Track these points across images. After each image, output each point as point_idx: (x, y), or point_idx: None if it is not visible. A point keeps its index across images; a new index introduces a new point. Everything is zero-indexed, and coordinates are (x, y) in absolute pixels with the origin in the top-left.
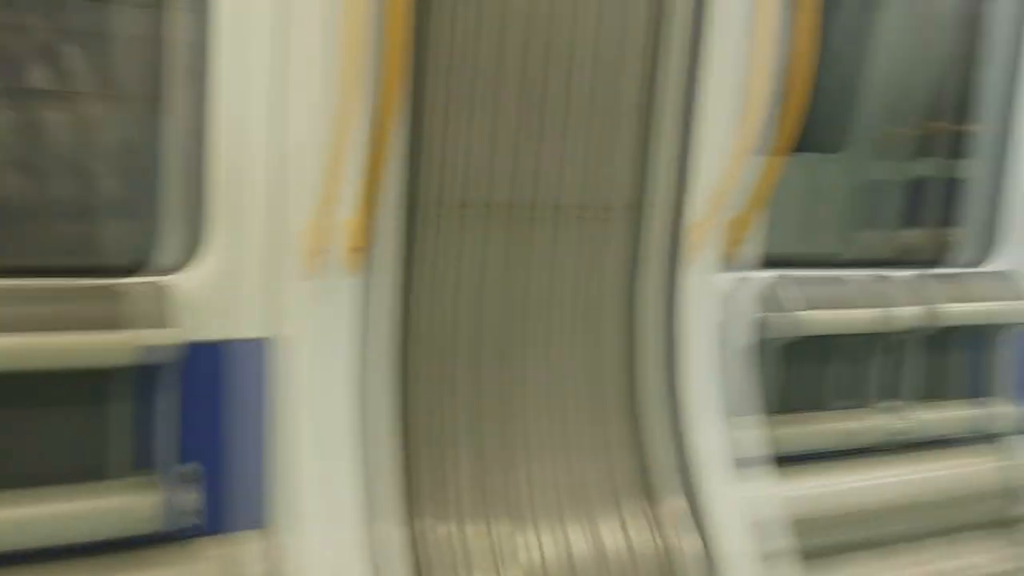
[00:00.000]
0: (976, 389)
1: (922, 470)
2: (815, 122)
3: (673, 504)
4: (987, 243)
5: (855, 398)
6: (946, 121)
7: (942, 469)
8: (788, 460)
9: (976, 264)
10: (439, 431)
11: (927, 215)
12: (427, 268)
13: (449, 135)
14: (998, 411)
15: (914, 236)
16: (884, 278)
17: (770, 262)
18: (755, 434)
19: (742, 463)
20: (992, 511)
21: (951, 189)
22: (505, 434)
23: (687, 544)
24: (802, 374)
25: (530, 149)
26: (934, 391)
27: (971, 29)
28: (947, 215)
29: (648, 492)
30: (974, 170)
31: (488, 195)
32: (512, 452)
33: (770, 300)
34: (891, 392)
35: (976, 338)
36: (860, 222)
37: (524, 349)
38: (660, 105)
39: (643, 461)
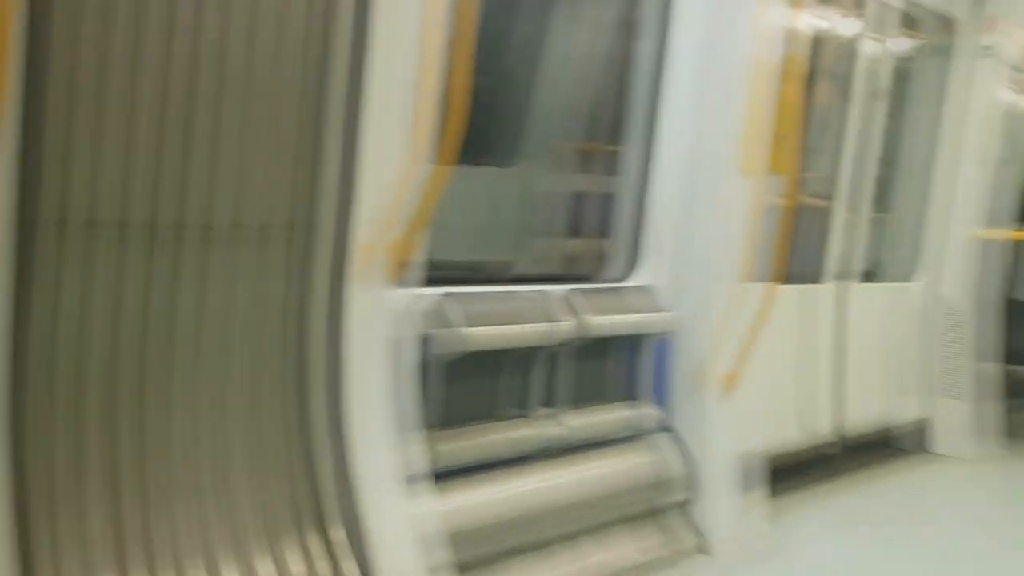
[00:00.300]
0: (624, 393)
1: (579, 472)
2: (491, 138)
3: (336, 531)
4: (632, 258)
5: (517, 408)
6: (606, 142)
7: (597, 469)
8: (455, 473)
9: (623, 278)
10: (65, 477)
11: (584, 230)
12: (46, 296)
13: (75, 147)
14: (643, 412)
15: (572, 250)
16: (543, 292)
17: (442, 277)
18: (422, 450)
19: (409, 480)
20: (643, 503)
21: (605, 206)
22: (147, 476)
23: (348, 570)
24: (468, 388)
25: (174, 165)
26: (588, 397)
27: (626, 62)
28: (601, 231)
29: (311, 521)
30: (622, 190)
31: (123, 214)
32: (156, 495)
33: (437, 317)
34: (550, 400)
35: (623, 347)
36: (529, 234)
37: (170, 381)
38: (324, 122)
39: (308, 489)
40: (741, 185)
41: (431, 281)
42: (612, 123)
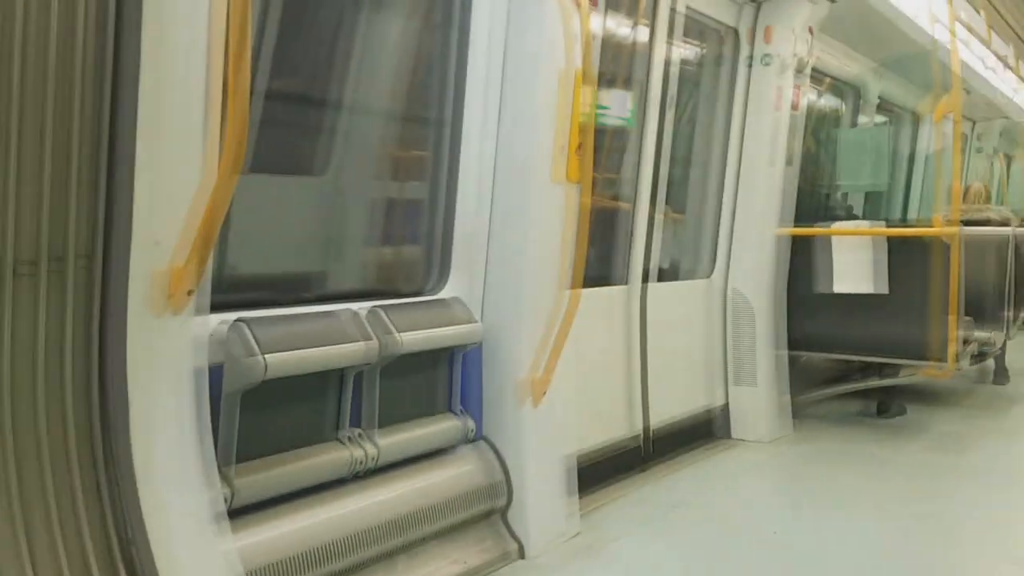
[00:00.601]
0: (438, 406)
1: (395, 490)
2: (300, 144)
3: None
4: (443, 269)
5: (327, 431)
6: (421, 148)
7: (413, 485)
8: (263, 505)
9: (434, 289)
10: None
11: (397, 240)
12: None
13: None
14: (457, 423)
15: (383, 261)
16: (349, 310)
17: (242, 300)
18: (223, 487)
19: (208, 520)
20: (460, 514)
21: (418, 216)
22: None
23: None
24: (271, 415)
25: None
26: (401, 413)
27: (435, 65)
28: (413, 241)
29: (100, 572)
30: (433, 199)
31: None
32: None
33: (233, 344)
34: (361, 420)
35: (434, 360)
36: (339, 246)
37: None
38: (96, 140)
39: (96, 537)
40: (549, 192)
41: (230, 303)
42: (425, 128)
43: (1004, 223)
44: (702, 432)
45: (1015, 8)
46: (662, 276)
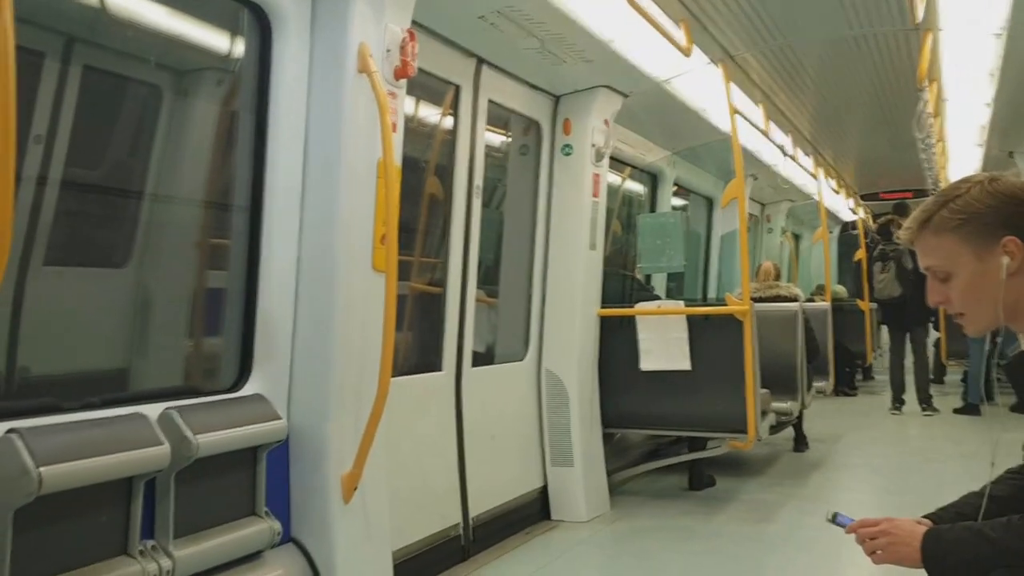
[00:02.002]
0: (241, 510)
1: None
2: (100, 235)
3: None
4: (245, 364)
5: (116, 546)
6: (223, 240)
7: None
8: None
9: (235, 387)
10: None
11: (197, 335)
12: None
13: None
14: (263, 527)
15: (182, 358)
16: (139, 414)
17: (17, 407)
18: None
19: None
20: None
21: (221, 310)
22: None
23: None
24: (52, 533)
25: None
26: (201, 520)
27: (235, 154)
28: (215, 336)
29: None
30: (236, 291)
31: None
32: None
33: (2, 457)
34: (154, 531)
35: (236, 461)
36: (134, 343)
37: None
38: None
39: None
40: (355, 282)
41: (4, 412)
42: (228, 218)
43: (793, 299)
44: (523, 516)
45: (789, 102)
46: (478, 360)
